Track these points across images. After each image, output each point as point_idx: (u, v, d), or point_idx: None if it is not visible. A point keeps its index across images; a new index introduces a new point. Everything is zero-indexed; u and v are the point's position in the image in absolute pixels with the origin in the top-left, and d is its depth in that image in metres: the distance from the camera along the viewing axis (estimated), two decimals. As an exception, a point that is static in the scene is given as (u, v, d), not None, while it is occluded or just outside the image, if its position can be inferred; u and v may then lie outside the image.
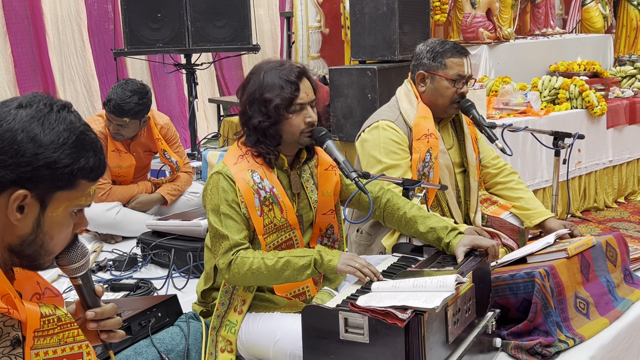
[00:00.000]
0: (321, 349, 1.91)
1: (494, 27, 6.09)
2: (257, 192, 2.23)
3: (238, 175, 2.23)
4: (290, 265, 2.16)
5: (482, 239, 2.32)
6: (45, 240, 1.32)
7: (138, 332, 2.23)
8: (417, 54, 3.03)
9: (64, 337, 1.34)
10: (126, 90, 3.74)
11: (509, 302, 2.36)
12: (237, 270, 2.18)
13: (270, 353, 2.18)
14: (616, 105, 5.64)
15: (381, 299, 1.90)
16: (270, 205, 2.25)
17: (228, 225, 2.21)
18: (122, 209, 3.83)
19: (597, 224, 5.31)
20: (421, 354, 1.81)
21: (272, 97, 2.21)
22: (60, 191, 1.29)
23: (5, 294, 1.26)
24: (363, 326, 1.85)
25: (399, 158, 2.89)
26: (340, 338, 1.88)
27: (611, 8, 7.59)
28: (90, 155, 1.32)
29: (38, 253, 1.33)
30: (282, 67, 2.25)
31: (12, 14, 6.96)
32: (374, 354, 1.84)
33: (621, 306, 2.52)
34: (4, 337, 1.27)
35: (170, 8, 5.49)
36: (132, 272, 3.32)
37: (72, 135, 1.29)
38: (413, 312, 1.81)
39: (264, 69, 2.26)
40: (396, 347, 1.81)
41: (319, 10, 6.34)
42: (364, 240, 3.04)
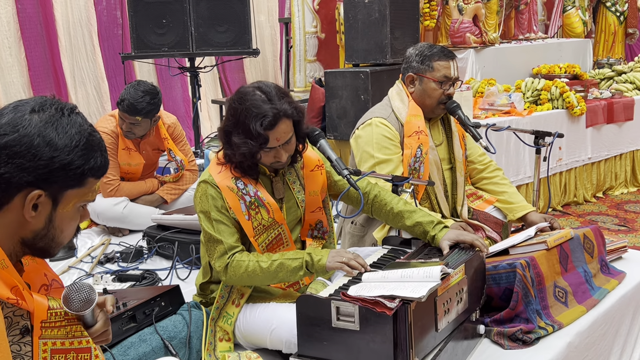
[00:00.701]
0: (314, 336, 1.90)
1: (480, 32, 6.08)
2: (242, 197, 2.22)
3: (222, 183, 2.22)
4: (283, 267, 2.16)
5: (466, 235, 2.31)
6: (56, 234, 1.34)
7: (142, 320, 2.22)
8: (407, 57, 3.03)
9: (71, 330, 1.34)
10: (138, 91, 3.74)
11: (492, 291, 2.35)
12: (233, 272, 2.18)
13: (267, 341, 2.17)
14: (595, 105, 5.65)
15: (371, 289, 1.89)
16: (257, 208, 2.23)
17: (220, 230, 2.21)
18: (130, 203, 3.83)
19: (577, 218, 5.31)
20: (408, 340, 1.80)
21: (242, 142, 2.15)
22: (71, 189, 1.32)
23: (14, 286, 1.26)
24: (354, 314, 1.84)
25: (390, 153, 2.89)
26: (333, 325, 1.87)
27: (590, 14, 7.59)
28: (98, 155, 1.35)
29: (49, 245, 1.35)
30: (259, 110, 2.13)
31: (26, 20, 6.93)
32: (364, 341, 1.84)
33: (597, 295, 2.52)
34: (14, 326, 1.27)
35: (175, 14, 5.47)
36: (138, 264, 3.31)
37: (83, 137, 1.32)
38: (401, 301, 1.80)
39: (246, 105, 2.15)
40: (385, 334, 1.81)
41: (315, 17, 6.32)
42: (358, 231, 3.04)
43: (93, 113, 7.40)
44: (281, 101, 2.16)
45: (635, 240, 4.74)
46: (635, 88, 6.19)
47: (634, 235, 4.86)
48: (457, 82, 3.00)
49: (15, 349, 1.27)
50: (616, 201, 5.78)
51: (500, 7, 6.47)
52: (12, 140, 1.25)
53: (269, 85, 2.21)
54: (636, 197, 5.90)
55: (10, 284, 1.25)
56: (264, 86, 2.20)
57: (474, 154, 3.24)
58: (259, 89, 2.18)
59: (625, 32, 7.80)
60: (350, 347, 1.85)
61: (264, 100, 2.15)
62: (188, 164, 4.12)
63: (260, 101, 2.14)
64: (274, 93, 2.17)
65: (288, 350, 2.09)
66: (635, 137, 6.04)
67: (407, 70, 3.01)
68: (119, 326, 2.14)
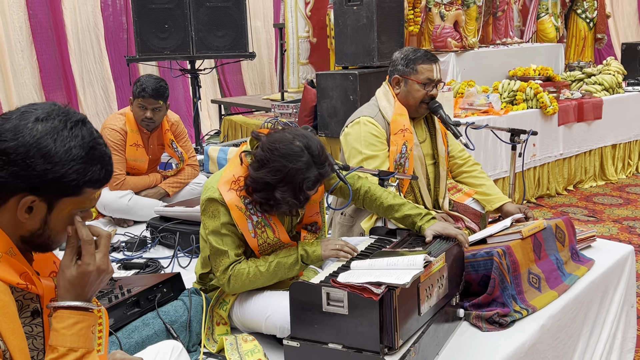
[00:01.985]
0: (306, 320, 1.89)
1: (461, 37, 6.07)
2: (250, 217, 2.14)
3: (231, 202, 2.13)
4: (280, 265, 2.14)
5: (451, 228, 2.30)
6: (52, 234, 1.29)
7: (146, 305, 2.20)
8: (393, 60, 3.01)
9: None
10: (153, 79, 3.78)
11: (471, 278, 2.36)
12: (235, 281, 2.14)
13: (263, 327, 2.16)
14: (566, 105, 5.65)
15: (359, 276, 1.89)
16: (263, 227, 2.17)
17: (227, 242, 2.15)
18: (134, 196, 3.80)
19: (549, 209, 5.32)
20: (393, 323, 1.80)
21: (283, 199, 2.06)
22: (67, 197, 1.26)
23: (24, 272, 1.25)
24: (343, 300, 1.83)
25: (377, 149, 2.88)
26: (323, 310, 1.86)
27: (562, 20, 7.59)
28: (98, 168, 1.27)
29: (46, 243, 1.31)
30: (309, 174, 2.04)
31: (37, 25, 6.88)
32: (352, 324, 1.83)
33: (568, 281, 2.52)
34: (25, 308, 1.26)
35: (176, 20, 5.44)
36: (142, 253, 3.28)
37: (82, 151, 1.24)
38: (386, 288, 1.80)
39: (297, 166, 2.03)
40: (372, 317, 1.80)
41: (307, 22, 6.30)
42: (347, 222, 3.04)
43: (100, 112, 7.36)
44: (324, 164, 2.09)
45: (603, 230, 4.75)
46: (604, 89, 6.20)
47: (602, 225, 4.87)
48: (440, 84, 2.99)
49: (27, 330, 1.26)
50: (585, 194, 5.79)
51: (479, 13, 6.46)
52: (10, 147, 1.19)
53: (317, 145, 2.09)
54: (604, 190, 5.92)
55: (19, 270, 1.24)
56: (313, 146, 2.07)
57: (455, 150, 3.23)
58: (308, 149, 2.06)
59: (595, 37, 7.81)
60: (340, 330, 1.84)
61: (311, 163, 2.05)
62: (189, 159, 4.10)
63: (306, 165, 2.04)
64: (320, 155, 2.08)
65: (282, 335, 2.08)
66: (603, 135, 6.05)
67: (393, 72, 2.99)
68: (124, 311, 2.12)
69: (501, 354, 2.06)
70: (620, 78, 6.39)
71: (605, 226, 4.85)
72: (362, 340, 1.82)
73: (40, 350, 1.28)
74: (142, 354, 1.67)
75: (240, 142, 4.68)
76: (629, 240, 4.50)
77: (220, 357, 2.12)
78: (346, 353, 1.83)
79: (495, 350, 2.08)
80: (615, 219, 5.02)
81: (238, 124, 6.44)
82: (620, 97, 6.21)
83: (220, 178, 2.18)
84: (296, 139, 2.07)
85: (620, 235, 4.64)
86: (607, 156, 6.16)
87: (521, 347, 2.13)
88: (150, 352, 1.69)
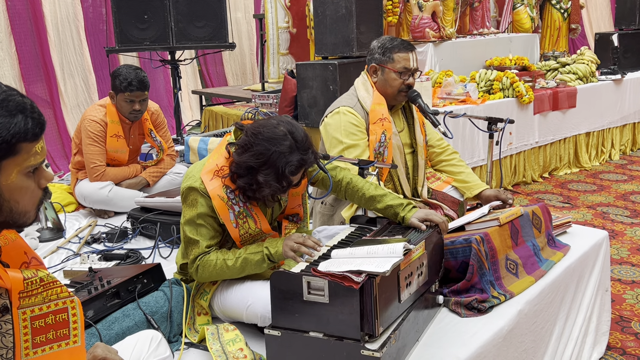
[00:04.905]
0: (287, 309, 1.86)
1: (438, 27, 6.06)
2: (232, 207, 2.11)
3: (213, 192, 2.09)
4: (247, 262, 2.09)
5: (435, 215, 2.27)
6: (12, 205, 1.21)
7: (126, 296, 2.16)
8: (371, 49, 2.98)
9: (47, 295, 1.26)
10: (132, 70, 3.68)
11: (450, 265, 2.34)
12: (202, 271, 2.11)
13: (244, 316, 2.13)
14: (542, 94, 5.67)
15: (339, 265, 1.86)
16: (245, 218, 2.14)
17: (201, 232, 2.11)
18: (114, 187, 3.73)
19: (526, 196, 5.34)
20: (374, 311, 1.78)
21: (266, 182, 2.03)
22: (5, 160, 1.17)
23: None
24: (324, 288, 1.80)
25: (357, 139, 2.85)
26: (304, 299, 1.83)
27: (538, 11, 7.61)
28: (20, 119, 1.17)
29: (12, 217, 1.22)
30: (290, 156, 2.01)
31: (15, 16, 6.72)
32: (333, 313, 1.80)
33: (545, 266, 2.52)
34: None
35: (155, 10, 5.35)
36: (122, 244, 3.23)
37: None
38: (367, 276, 1.77)
39: (280, 149, 2.01)
40: (352, 305, 1.78)
41: (287, 13, 6.23)
42: (327, 211, 3.01)
43: (81, 103, 7.24)
44: (307, 151, 2.06)
45: (577, 216, 4.78)
46: (578, 78, 6.23)
47: (576, 212, 4.90)
48: (417, 73, 2.97)
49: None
50: (560, 181, 5.83)
51: (457, 4, 6.45)
52: None
53: (301, 132, 2.06)
54: (578, 177, 5.96)
55: None
56: (297, 132, 2.05)
57: (433, 139, 3.22)
58: (292, 134, 2.04)
59: (569, 27, 7.85)
60: (320, 319, 1.82)
61: (294, 148, 2.02)
62: (167, 149, 4.04)
63: (289, 148, 2.01)
64: (304, 141, 2.05)
65: (263, 324, 2.05)
66: (577, 123, 6.09)
67: (371, 61, 2.96)
68: (104, 302, 2.08)
69: (480, 339, 2.06)
70: (594, 67, 6.42)
71: (580, 212, 4.89)
72: (342, 328, 1.79)
73: (10, 349, 1.22)
74: (120, 344, 1.63)
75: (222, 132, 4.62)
76: (602, 226, 4.54)
77: (201, 347, 2.09)
78: (327, 341, 1.81)
79: (474, 336, 2.07)
80: (589, 205, 5.06)
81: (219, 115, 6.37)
82: (593, 85, 6.24)
83: (203, 167, 2.15)
84: (280, 124, 2.06)
85: (595, 220, 4.67)
86: (581, 144, 6.20)
87: (499, 332, 2.12)
88: (129, 342, 1.64)
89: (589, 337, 2.80)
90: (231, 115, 6.11)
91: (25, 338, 1.22)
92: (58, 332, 1.26)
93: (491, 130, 3.23)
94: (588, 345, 2.79)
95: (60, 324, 1.27)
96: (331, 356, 1.80)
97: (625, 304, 3.35)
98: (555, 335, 2.54)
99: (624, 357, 2.88)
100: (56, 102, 6.94)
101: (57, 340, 1.26)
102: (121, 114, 3.74)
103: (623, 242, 4.25)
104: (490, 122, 3.22)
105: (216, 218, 2.12)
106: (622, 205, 5.05)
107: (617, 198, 5.24)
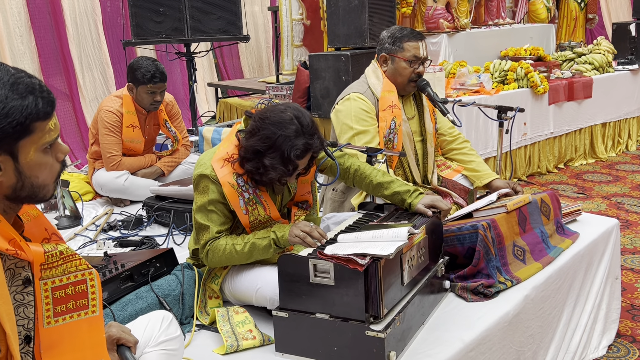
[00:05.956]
0: (294, 291, 1.91)
1: (453, 18, 6.05)
2: (242, 194, 2.15)
3: (224, 179, 2.14)
4: (255, 247, 2.12)
5: (440, 201, 2.31)
6: (33, 181, 1.26)
7: (139, 279, 2.22)
8: (381, 39, 3.01)
9: (67, 267, 1.31)
10: (152, 62, 3.75)
11: (457, 250, 2.37)
12: (212, 256, 2.15)
13: (253, 299, 2.18)
14: (557, 84, 5.64)
15: (345, 248, 1.90)
16: (254, 205, 2.18)
17: (212, 218, 2.16)
18: (130, 176, 3.80)
19: (540, 187, 5.33)
20: (378, 293, 1.82)
21: (272, 166, 2.06)
22: (22, 140, 1.22)
23: (12, 239, 1.23)
24: (329, 271, 1.84)
25: (367, 125, 2.88)
26: (310, 281, 1.87)
27: (554, 1, 7.55)
28: (31, 100, 1.21)
29: (33, 192, 1.28)
30: (295, 140, 2.05)
31: (35, 11, 6.84)
32: (338, 294, 1.85)
33: (553, 253, 2.54)
34: (17, 277, 1.25)
35: (171, 4, 5.41)
36: (138, 231, 3.29)
37: (2, 91, 1.19)
38: (371, 259, 1.81)
39: (286, 132, 2.05)
40: (357, 287, 1.82)
41: (301, 5, 6.27)
42: (338, 198, 3.05)
43: (99, 96, 7.34)
44: (313, 136, 2.09)
45: (592, 206, 4.77)
46: (594, 68, 6.18)
47: (591, 202, 4.88)
48: (426, 62, 2.98)
49: (19, 298, 1.26)
50: (575, 171, 5.80)
51: (472, -5, 6.43)
52: None
53: (307, 118, 2.11)
54: (594, 167, 5.93)
55: (7, 237, 1.22)
56: (303, 118, 2.09)
57: (444, 127, 3.23)
58: (298, 119, 2.08)
59: (586, 17, 7.77)
60: (326, 300, 1.86)
61: (297, 132, 2.06)
62: (182, 139, 4.11)
63: (294, 132, 2.05)
64: (309, 127, 2.09)
65: (272, 306, 2.09)
66: (593, 114, 6.05)
67: (381, 51, 2.99)
68: (118, 285, 2.14)
69: (485, 322, 2.09)
70: (610, 57, 6.36)
71: (594, 202, 4.87)
72: (348, 310, 1.84)
73: (31, 319, 1.28)
74: (133, 324, 1.68)
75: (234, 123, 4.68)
76: (617, 216, 4.52)
77: (212, 328, 2.14)
78: (333, 322, 1.85)
79: (480, 319, 2.10)
80: (604, 196, 5.04)
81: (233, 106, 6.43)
82: (610, 76, 6.19)
83: (213, 155, 2.19)
84: (287, 110, 2.10)
85: (609, 211, 4.65)
86: (597, 134, 6.15)
87: (505, 316, 2.15)
88: (141, 322, 1.70)
89: (599, 324, 2.81)
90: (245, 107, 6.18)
91: (47, 307, 1.28)
92: (77, 302, 1.32)
93: (501, 119, 3.24)
94: (597, 332, 2.80)
95: (80, 294, 1.32)
96: (337, 337, 1.85)
97: (637, 293, 3.35)
98: (563, 322, 2.56)
99: (634, 344, 2.88)
100: (75, 95, 7.05)
101: (77, 310, 1.32)
102: (141, 105, 3.81)
103: (637, 232, 4.23)
104: (500, 110, 3.23)
105: (226, 204, 2.17)
106: (637, 195, 5.02)
107: (632, 188, 5.20)
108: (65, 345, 1.31)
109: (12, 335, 1.19)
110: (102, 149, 3.79)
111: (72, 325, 1.32)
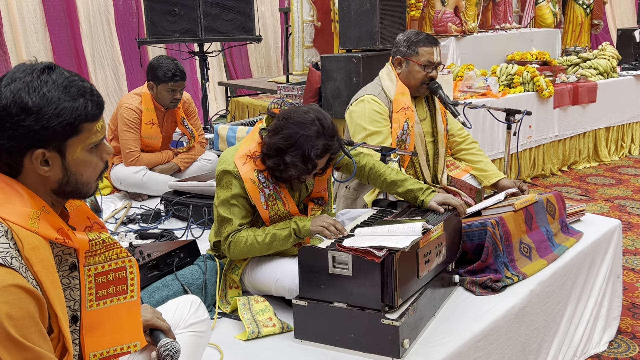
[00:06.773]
0: (314, 281, 2.00)
1: (461, 22, 6.14)
2: (262, 190, 2.25)
3: (246, 175, 2.23)
4: (275, 237, 2.21)
5: (452, 199, 2.41)
6: (77, 178, 1.34)
7: (165, 268, 2.32)
8: (397, 42, 3.10)
9: (109, 255, 1.40)
10: (171, 61, 3.87)
11: (466, 247, 2.46)
12: (234, 248, 2.24)
13: (273, 289, 2.27)
14: (562, 88, 5.73)
15: (362, 241, 1.99)
16: (274, 200, 2.27)
17: (234, 212, 2.25)
18: (148, 172, 3.90)
19: (544, 189, 5.42)
20: (394, 284, 1.91)
21: (293, 163, 2.16)
22: (70, 139, 1.29)
23: (60, 228, 1.31)
24: (347, 262, 1.93)
25: (380, 126, 2.97)
26: (329, 272, 1.96)
27: (560, 6, 7.63)
28: (82, 102, 1.28)
29: (77, 188, 1.36)
30: (316, 140, 2.15)
31: (50, 9, 6.96)
32: (356, 285, 1.94)
33: (557, 250, 2.63)
34: (64, 262, 1.34)
35: (185, 4, 5.51)
36: (157, 224, 3.39)
37: (57, 92, 1.25)
38: (387, 251, 1.90)
39: (307, 132, 2.15)
40: (374, 278, 1.91)
41: (312, 6, 6.36)
42: (351, 195, 3.14)
43: (111, 94, 7.45)
44: (333, 138, 2.20)
45: (594, 209, 4.86)
46: (599, 73, 6.26)
47: (593, 204, 4.98)
48: (439, 67, 3.08)
49: (66, 282, 1.35)
50: (579, 174, 5.89)
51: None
52: None
53: (329, 120, 2.21)
54: (597, 170, 6.02)
55: (56, 227, 1.30)
56: (324, 120, 2.19)
57: (454, 128, 3.33)
58: (320, 121, 2.18)
59: (591, 23, 7.85)
60: (344, 290, 1.96)
61: (318, 133, 2.16)
62: (198, 137, 4.22)
63: (315, 133, 2.15)
64: (330, 129, 2.19)
65: (290, 296, 2.19)
66: (597, 118, 6.13)
67: (396, 53, 3.08)
68: (145, 273, 2.25)
69: (493, 315, 2.19)
70: (615, 63, 6.45)
71: (597, 204, 4.96)
72: (364, 299, 1.93)
73: (77, 301, 1.38)
74: (163, 307, 1.78)
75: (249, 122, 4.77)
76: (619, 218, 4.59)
77: (233, 316, 2.25)
78: (350, 311, 1.95)
79: (488, 312, 2.20)
80: (607, 198, 5.13)
81: (245, 105, 6.53)
82: (614, 81, 6.28)
83: (236, 152, 2.30)
84: (310, 111, 2.21)
85: (611, 213, 4.75)
86: (600, 138, 6.24)
87: (511, 310, 2.25)
88: (171, 305, 1.79)
89: (600, 320, 2.91)
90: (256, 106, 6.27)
91: (90, 292, 1.38)
92: (118, 288, 1.42)
93: (509, 122, 3.33)
94: (599, 328, 2.90)
95: (120, 280, 1.42)
96: (354, 325, 1.95)
97: (638, 292, 3.45)
98: (566, 317, 2.65)
99: (634, 340, 2.98)
100: (88, 92, 7.14)
101: (117, 294, 1.42)
102: (161, 103, 3.92)
103: (638, 233, 4.33)
104: (508, 113, 3.32)
105: (248, 199, 2.27)
106: (639, 198, 5.11)
107: (634, 192, 5.30)
108: (105, 327, 1.40)
109: (62, 318, 1.28)
110: (121, 144, 3.90)
111: (112, 309, 1.41)
